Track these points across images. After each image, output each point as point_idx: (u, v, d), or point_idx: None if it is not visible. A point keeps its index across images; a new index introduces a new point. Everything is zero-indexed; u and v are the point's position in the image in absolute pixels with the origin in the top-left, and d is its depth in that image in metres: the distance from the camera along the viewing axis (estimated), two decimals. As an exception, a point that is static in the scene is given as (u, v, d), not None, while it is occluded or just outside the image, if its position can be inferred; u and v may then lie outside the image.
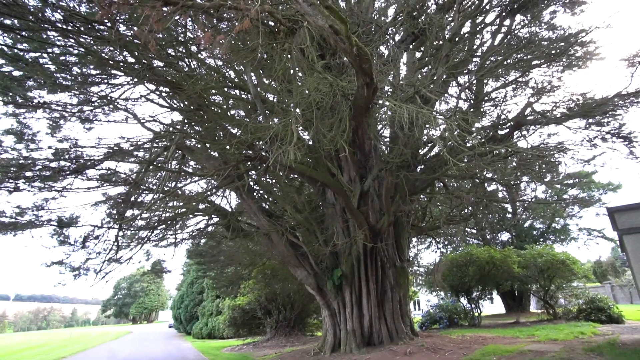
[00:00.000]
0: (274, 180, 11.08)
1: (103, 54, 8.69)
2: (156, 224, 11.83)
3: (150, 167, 10.84)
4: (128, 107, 10.30)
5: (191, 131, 9.53)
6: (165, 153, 10.42)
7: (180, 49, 9.25)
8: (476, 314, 18.06)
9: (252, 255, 15.62)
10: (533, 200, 24.44)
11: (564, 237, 24.40)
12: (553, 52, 12.56)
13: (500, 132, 12.28)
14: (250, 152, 7.21)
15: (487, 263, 17.51)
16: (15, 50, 8.47)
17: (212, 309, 25.88)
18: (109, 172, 11.18)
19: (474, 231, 27.60)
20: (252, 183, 11.22)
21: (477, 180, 12.32)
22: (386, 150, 10.07)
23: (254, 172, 9.18)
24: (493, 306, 25.33)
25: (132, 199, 11.48)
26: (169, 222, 11.93)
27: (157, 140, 10.68)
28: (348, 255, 10.35)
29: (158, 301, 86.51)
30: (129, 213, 11.70)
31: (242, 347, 17.13)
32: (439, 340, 10.46)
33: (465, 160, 8.36)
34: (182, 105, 9.06)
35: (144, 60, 8.18)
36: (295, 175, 11.35)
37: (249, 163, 7.62)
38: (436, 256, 29.83)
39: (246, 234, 11.36)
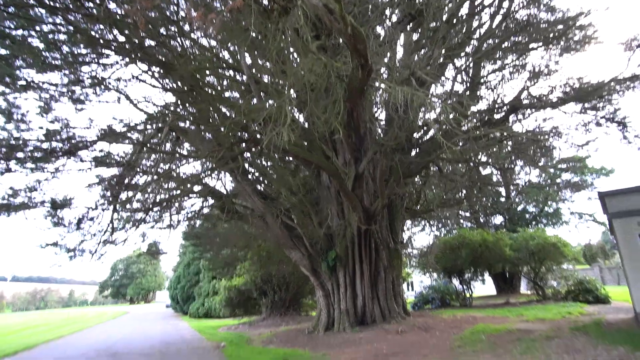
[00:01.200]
0: (268, 163, 11.07)
1: (92, 33, 8.47)
2: (151, 205, 11.84)
3: (144, 148, 10.77)
4: (120, 88, 10.15)
5: (185, 113, 9.43)
6: (159, 135, 10.33)
7: (172, 28, 9.04)
8: (468, 295, 18.44)
9: (247, 238, 15.73)
10: (527, 184, 24.68)
11: (556, 221, 24.76)
12: (551, 35, 12.41)
13: (495, 116, 12.27)
14: (245, 134, 7.16)
15: (480, 246, 17.77)
16: (2, 28, 8.23)
17: (209, 289, 26.21)
18: (103, 154, 11.09)
19: (468, 214, 27.90)
20: (246, 165, 11.20)
21: (472, 164, 12.37)
22: (381, 134, 10.05)
23: (248, 154, 9.14)
24: (485, 287, 25.88)
25: (126, 181, 11.43)
26: (164, 204, 11.94)
27: (150, 122, 10.57)
28: (342, 237, 10.46)
29: (155, 282, 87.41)
30: (123, 195, 11.68)
31: (238, 327, 17.43)
32: (431, 319, 10.72)
33: (460, 144, 8.37)
34: (174, 86, 8.92)
35: (134, 40, 7.99)
36: (290, 158, 11.33)
37: (243, 145, 7.58)
38: (430, 239, 30.23)
39: (241, 216, 11.41)
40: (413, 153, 10.55)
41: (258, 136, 6.93)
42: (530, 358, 5.89)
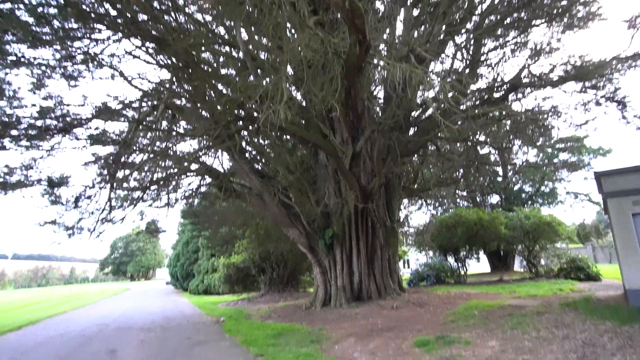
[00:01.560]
0: (266, 141, 11.01)
1: (83, 6, 8.21)
2: (148, 184, 11.84)
3: (140, 126, 10.66)
4: (113, 64, 9.93)
5: (180, 90, 9.28)
6: (155, 113, 10.21)
7: (166, 2, 8.77)
8: (462, 273, 18.81)
9: (245, 216, 15.84)
10: (524, 163, 24.71)
11: (552, 200, 24.98)
12: (555, 11, 12.13)
13: (495, 95, 12.15)
14: (241, 111, 7.08)
15: (476, 224, 18.00)
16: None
17: (208, 266, 26.60)
18: (98, 132, 10.98)
19: (464, 194, 28.08)
20: (244, 144, 11.14)
21: (470, 143, 12.34)
22: (379, 112, 9.96)
23: (245, 132, 9.07)
24: (479, 265, 26.37)
25: (123, 159, 11.37)
26: (162, 183, 11.94)
27: (145, 99, 10.42)
28: (339, 215, 10.54)
29: (155, 260, 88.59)
30: (120, 174, 11.65)
31: (237, 303, 17.79)
32: (425, 296, 10.97)
33: (459, 123, 8.31)
34: (169, 62, 8.73)
35: (127, 14, 7.76)
36: (287, 137, 11.26)
37: (239, 123, 7.50)
38: (426, 217, 30.52)
39: (238, 195, 11.45)
40: (411, 132, 10.51)
41: (255, 114, 6.85)
42: (520, 332, 6.06)
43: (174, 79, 9.51)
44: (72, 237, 11.82)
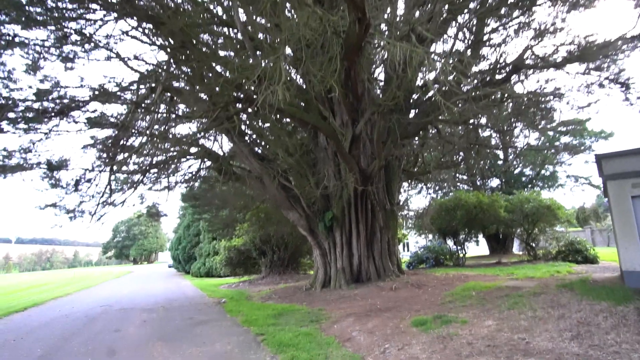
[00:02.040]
0: (265, 124, 10.93)
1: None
2: (148, 167, 11.82)
3: (138, 109, 10.56)
4: (110, 45, 9.78)
5: (178, 72, 9.15)
6: (152, 95, 10.09)
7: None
8: (461, 255, 18.97)
9: (245, 199, 15.89)
10: (525, 147, 24.59)
11: (552, 184, 24.97)
12: (560, -12, 11.83)
13: (497, 77, 11.98)
14: (240, 93, 6.99)
15: (475, 207, 18.04)
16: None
17: (209, 249, 26.87)
18: (96, 114, 10.90)
19: (464, 177, 28.08)
20: (243, 127, 11.07)
21: (470, 126, 12.25)
22: (379, 94, 9.84)
23: (244, 114, 8.99)
24: (478, 248, 26.61)
25: (122, 142, 11.32)
26: (161, 166, 11.92)
27: (143, 82, 10.29)
28: (339, 198, 10.56)
29: (157, 243, 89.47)
30: (119, 157, 11.63)
31: (238, 285, 18.05)
32: (424, 277, 11.10)
33: (460, 105, 8.22)
34: (166, 43, 8.58)
35: (121, -8, 7.59)
36: (287, 119, 11.17)
37: (238, 105, 7.43)
38: (426, 201, 30.59)
39: (238, 178, 11.45)
40: (411, 115, 10.41)
41: (253, 96, 6.76)
42: (517, 312, 6.15)
43: (172, 60, 9.38)
44: (73, 220, 11.89)
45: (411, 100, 9.38)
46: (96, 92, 10.23)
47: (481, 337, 4.91)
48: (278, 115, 8.21)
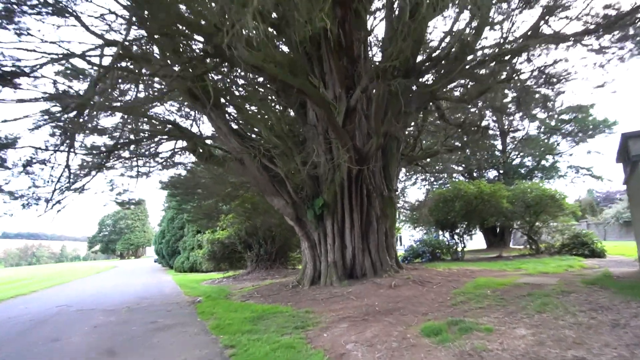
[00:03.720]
0: (242, 91, 9.50)
1: None
2: (113, 148, 10.35)
3: (100, 82, 9.05)
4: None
5: (138, 26, 7.64)
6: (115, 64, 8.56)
7: None
8: (460, 249, 17.91)
9: (229, 187, 14.49)
10: (525, 136, 23.56)
11: (553, 175, 24.00)
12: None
13: (506, 47, 10.73)
14: (207, 45, 5.61)
15: (476, 198, 16.96)
16: None
17: (193, 243, 25.42)
18: (54, 87, 9.35)
19: (461, 168, 27.05)
20: (222, 100, 9.63)
21: (478, 104, 11.01)
22: (380, 53, 8.43)
23: (215, 73, 7.57)
24: (473, 242, 25.61)
25: (82, 118, 9.80)
26: (130, 147, 10.45)
27: (102, 46, 8.76)
28: (330, 182, 9.24)
29: (144, 237, 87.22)
30: (80, 135, 10.14)
31: (222, 280, 16.72)
32: (425, 272, 9.88)
33: (475, 69, 6.92)
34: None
35: None
36: (269, 85, 9.74)
37: (207, 60, 6.03)
38: (421, 192, 29.51)
39: (216, 160, 10.04)
40: (414, 88, 9.08)
41: (224, 50, 5.38)
42: (551, 317, 4.93)
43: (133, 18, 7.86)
44: (27, 208, 10.39)
45: (416, 63, 8.05)
46: (51, 58, 8.69)
47: (520, 355, 3.65)
48: (256, 77, 6.82)
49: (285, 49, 9.67)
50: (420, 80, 8.73)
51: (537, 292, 6.59)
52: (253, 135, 9.82)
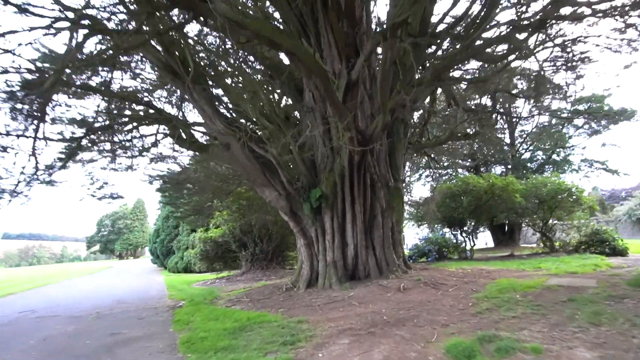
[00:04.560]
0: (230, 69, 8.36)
1: None
2: (85, 134, 9.22)
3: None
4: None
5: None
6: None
7: None
8: (469, 247, 16.75)
9: (219, 180, 13.35)
10: (536, 127, 22.37)
11: (565, 169, 22.78)
12: None
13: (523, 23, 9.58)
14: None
15: (486, 192, 15.81)
16: None
17: (188, 242, 24.30)
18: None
19: (468, 163, 25.91)
20: (207, 80, 8.49)
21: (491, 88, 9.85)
22: (387, 14, 7.24)
23: (187, 27, 6.42)
24: (478, 240, 24.43)
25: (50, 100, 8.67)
26: (103, 132, 9.33)
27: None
28: (329, 171, 8.10)
29: (143, 237, 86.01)
30: (48, 117, 9.01)
31: (214, 282, 15.62)
32: (437, 273, 8.72)
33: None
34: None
35: None
36: (262, 68, 8.62)
37: (174, 11, 4.90)
38: (426, 189, 28.33)
39: (201, 146, 8.90)
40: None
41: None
42: (614, 330, 3.78)
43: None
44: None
45: (432, 20, 6.88)
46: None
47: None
48: (240, 39, 5.67)
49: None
50: (434, 48, 7.58)
51: (577, 296, 5.43)
52: (242, 120, 8.66)
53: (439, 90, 13.30)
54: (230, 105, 9.17)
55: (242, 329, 5.39)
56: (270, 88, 10.06)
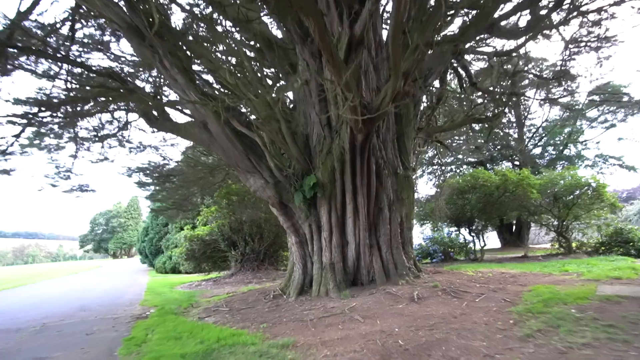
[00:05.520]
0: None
1: None
2: (41, 109, 7.78)
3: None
4: None
5: None
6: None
7: None
8: (478, 248, 15.43)
9: (206, 171, 11.94)
10: (546, 121, 21.02)
11: (578, 165, 21.46)
12: None
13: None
14: None
15: (498, 188, 14.48)
16: None
17: (177, 241, 22.85)
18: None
19: (473, 160, 24.61)
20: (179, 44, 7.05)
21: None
22: None
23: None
24: (487, 240, 23.17)
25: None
26: (59, 108, 7.89)
27: None
28: (327, 154, 6.69)
29: (136, 236, 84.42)
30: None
31: (200, 284, 14.23)
32: (454, 278, 7.32)
33: None
34: None
35: None
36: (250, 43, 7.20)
37: None
38: (429, 187, 26.96)
39: (173, 125, 7.48)
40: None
41: None
42: None
43: None
44: None
45: None
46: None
47: None
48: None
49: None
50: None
51: (657, 313, 4.05)
52: (221, 89, 7.25)
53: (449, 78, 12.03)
54: (211, 79, 7.75)
55: (208, 355, 3.99)
56: (258, 64, 8.68)
